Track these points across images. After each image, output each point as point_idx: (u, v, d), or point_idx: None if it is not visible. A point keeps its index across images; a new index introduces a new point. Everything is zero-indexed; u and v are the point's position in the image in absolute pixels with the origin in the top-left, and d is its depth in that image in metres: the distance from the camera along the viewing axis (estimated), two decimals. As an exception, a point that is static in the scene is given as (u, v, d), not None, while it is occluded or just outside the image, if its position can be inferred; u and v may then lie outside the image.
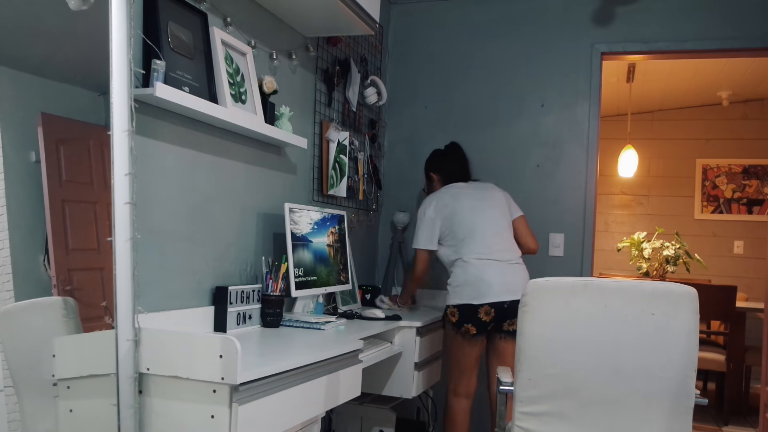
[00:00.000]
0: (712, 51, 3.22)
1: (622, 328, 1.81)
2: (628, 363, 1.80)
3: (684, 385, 1.78)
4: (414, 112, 3.58)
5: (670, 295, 1.78)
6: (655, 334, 1.79)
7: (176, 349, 1.47)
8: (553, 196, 3.35)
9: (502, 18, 3.47)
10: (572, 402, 1.84)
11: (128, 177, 1.46)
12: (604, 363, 1.82)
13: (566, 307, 1.82)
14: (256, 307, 2.25)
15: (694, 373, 1.77)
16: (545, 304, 1.82)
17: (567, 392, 1.84)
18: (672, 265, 5.09)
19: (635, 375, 1.80)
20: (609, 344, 1.81)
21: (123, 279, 1.46)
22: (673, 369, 1.78)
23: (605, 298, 1.81)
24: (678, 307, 1.77)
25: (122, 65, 1.46)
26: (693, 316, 1.77)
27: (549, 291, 1.83)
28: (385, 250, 3.62)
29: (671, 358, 1.78)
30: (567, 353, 1.83)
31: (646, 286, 1.81)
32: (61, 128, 1.63)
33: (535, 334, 1.83)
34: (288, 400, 1.67)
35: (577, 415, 1.85)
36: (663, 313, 1.78)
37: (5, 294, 1.53)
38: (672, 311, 1.77)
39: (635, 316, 1.80)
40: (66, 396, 1.55)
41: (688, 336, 1.77)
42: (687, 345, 1.77)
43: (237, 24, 2.27)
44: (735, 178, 6.03)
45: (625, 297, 1.81)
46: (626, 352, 1.80)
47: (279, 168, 2.58)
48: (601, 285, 1.82)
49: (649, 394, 1.79)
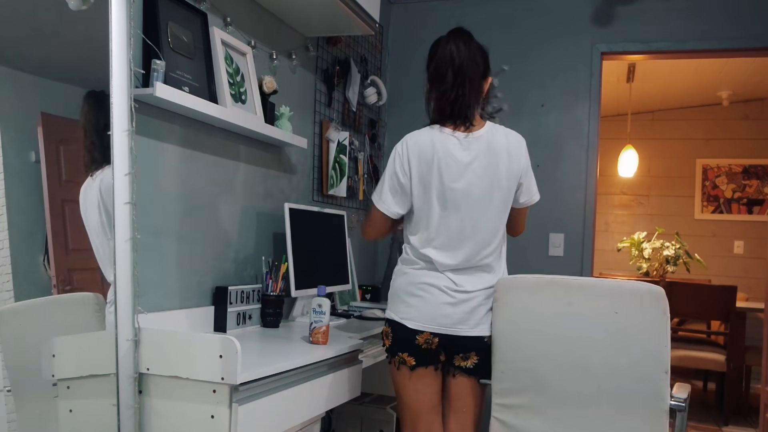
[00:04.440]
0: (712, 51, 3.22)
1: (586, 326, 1.80)
2: (595, 361, 1.79)
3: (655, 387, 1.73)
4: (414, 112, 3.58)
5: (634, 294, 1.75)
6: (619, 333, 1.76)
7: (176, 349, 1.47)
8: (553, 196, 3.35)
9: (502, 18, 3.47)
10: (543, 397, 1.86)
11: (128, 177, 1.46)
12: (572, 360, 1.82)
13: (532, 303, 1.86)
14: (256, 307, 2.25)
15: (666, 375, 1.72)
16: (513, 300, 1.87)
17: (538, 387, 1.86)
18: (672, 265, 5.09)
19: (603, 374, 1.78)
20: (575, 342, 1.81)
21: (123, 279, 1.46)
22: (640, 369, 1.74)
23: (569, 296, 1.82)
24: (643, 307, 1.73)
25: (122, 65, 1.46)
26: (659, 316, 1.71)
27: (515, 288, 1.88)
28: (385, 250, 3.62)
29: (637, 359, 1.74)
30: (534, 349, 1.86)
31: (609, 285, 1.80)
32: (61, 128, 1.63)
33: (505, 329, 1.88)
34: (288, 400, 1.67)
35: (549, 410, 1.86)
36: (627, 312, 1.75)
37: (5, 294, 1.53)
38: (636, 310, 1.74)
39: (599, 314, 1.78)
40: (66, 396, 1.55)
41: (654, 336, 1.72)
42: (654, 345, 1.72)
43: (237, 24, 2.27)
44: (735, 178, 6.03)
45: (588, 295, 1.81)
46: (593, 351, 1.79)
47: (279, 168, 2.58)
48: (564, 282, 1.84)
49: (619, 394, 1.77)
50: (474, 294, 1.93)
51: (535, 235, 3.34)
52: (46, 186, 1.59)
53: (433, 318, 1.91)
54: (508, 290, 1.89)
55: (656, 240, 5.24)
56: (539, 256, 3.32)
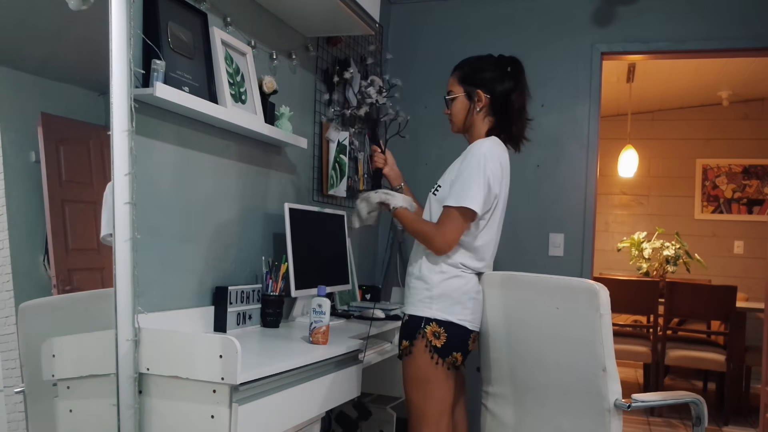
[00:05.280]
0: (712, 51, 3.22)
1: (536, 322, 1.87)
2: (545, 355, 1.85)
3: (593, 384, 1.72)
4: (414, 112, 3.58)
5: (569, 291, 1.79)
6: (561, 328, 1.80)
7: (176, 349, 1.47)
8: (553, 196, 3.34)
9: (502, 18, 3.47)
10: (510, 387, 1.96)
11: (128, 177, 1.46)
12: (527, 353, 1.90)
13: (498, 298, 1.98)
14: (256, 307, 2.24)
15: (605, 373, 1.70)
16: (488, 295, 2.01)
17: (506, 377, 1.97)
18: (672, 265, 5.09)
19: (551, 367, 1.83)
20: (530, 336, 1.89)
21: (123, 279, 1.46)
22: (578, 365, 1.76)
23: (523, 291, 1.91)
24: (577, 303, 1.75)
25: (122, 65, 1.46)
26: (592, 313, 1.71)
27: (488, 283, 2.01)
28: (385, 249, 3.62)
29: (575, 354, 1.76)
30: (501, 341, 1.97)
31: (551, 281, 1.84)
32: (61, 128, 1.63)
33: (485, 321, 2.02)
34: (288, 400, 1.67)
35: (515, 400, 1.95)
36: (565, 308, 1.79)
37: (5, 294, 1.53)
38: (572, 307, 1.77)
39: (544, 309, 1.84)
40: (66, 396, 1.55)
41: (589, 333, 1.72)
42: (590, 342, 1.72)
43: (237, 24, 2.27)
44: (735, 178, 6.03)
45: (536, 291, 1.88)
46: (543, 345, 1.86)
47: (279, 168, 2.58)
48: (519, 278, 1.93)
49: (565, 388, 1.80)
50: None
51: (535, 235, 3.34)
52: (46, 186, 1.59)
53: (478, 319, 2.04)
54: (486, 285, 2.02)
55: (656, 240, 5.24)
56: (539, 256, 3.32)
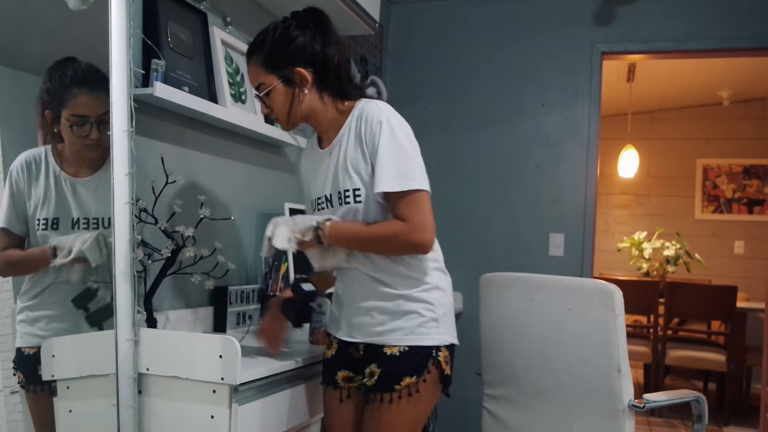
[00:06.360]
0: (712, 51, 3.21)
1: (546, 323, 1.85)
2: (554, 357, 1.83)
3: (607, 385, 1.72)
4: (414, 112, 3.57)
5: (583, 292, 1.78)
6: (572, 329, 1.79)
7: (176, 349, 1.47)
8: (553, 196, 3.34)
9: (503, 18, 3.47)
10: (516, 389, 1.93)
11: (128, 177, 1.46)
12: (535, 355, 1.87)
13: (503, 300, 1.95)
14: (256, 307, 2.24)
15: (619, 374, 1.70)
16: (490, 297, 1.98)
17: (512, 380, 1.94)
18: (672, 265, 5.09)
19: (561, 369, 1.81)
20: (537, 337, 1.87)
21: (123, 279, 1.46)
22: (591, 366, 1.75)
23: (531, 293, 1.88)
24: (591, 304, 1.75)
25: (122, 65, 1.46)
26: (607, 314, 1.71)
27: (491, 285, 1.99)
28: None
29: (588, 356, 1.76)
30: (506, 343, 1.94)
31: (563, 282, 1.83)
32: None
33: (485, 323, 2.00)
34: (288, 400, 1.66)
35: (521, 403, 1.92)
36: (577, 309, 1.78)
37: (5, 294, 1.53)
38: (585, 308, 1.76)
39: (555, 311, 1.82)
40: (65, 396, 1.54)
41: (603, 334, 1.72)
42: (605, 343, 1.72)
43: (237, 24, 2.26)
44: (735, 178, 6.03)
45: (547, 292, 1.86)
46: (552, 347, 1.84)
47: (279, 168, 2.58)
48: (527, 280, 1.91)
49: (576, 391, 1.79)
50: None
51: (535, 235, 3.34)
52: (45, 186, 1.59)
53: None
54: (485, 287, 2.00)
55: (656, 240, 5.24)
56: (539, 256, 3.32)
